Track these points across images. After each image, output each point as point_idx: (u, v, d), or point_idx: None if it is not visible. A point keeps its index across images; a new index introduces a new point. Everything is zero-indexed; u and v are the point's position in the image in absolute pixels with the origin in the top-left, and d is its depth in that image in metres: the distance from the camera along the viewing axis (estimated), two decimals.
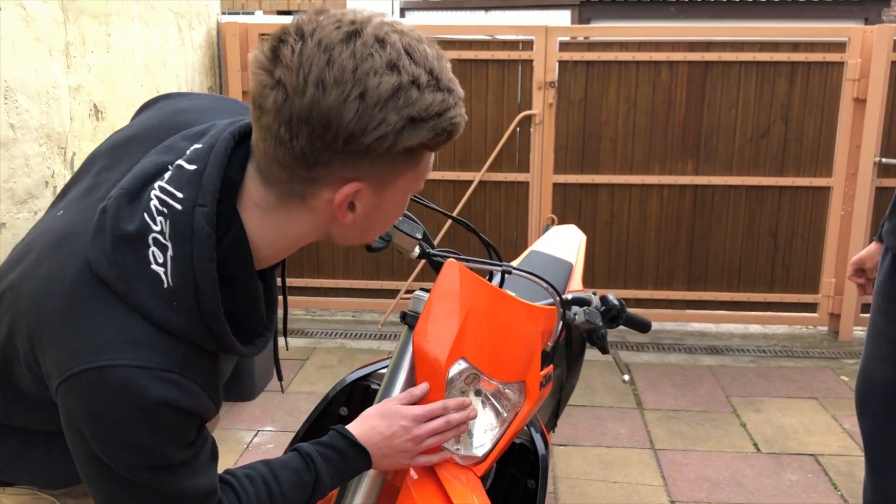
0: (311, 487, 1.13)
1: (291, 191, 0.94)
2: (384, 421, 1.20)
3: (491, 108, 4.72)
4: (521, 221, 4.86)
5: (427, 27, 4.84)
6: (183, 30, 4.18)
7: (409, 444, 1.20)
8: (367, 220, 0.99)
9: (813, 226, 4.73)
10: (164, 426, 0.91)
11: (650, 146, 4.72)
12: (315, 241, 1.02)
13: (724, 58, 4.55)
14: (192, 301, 0.91)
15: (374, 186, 0.94)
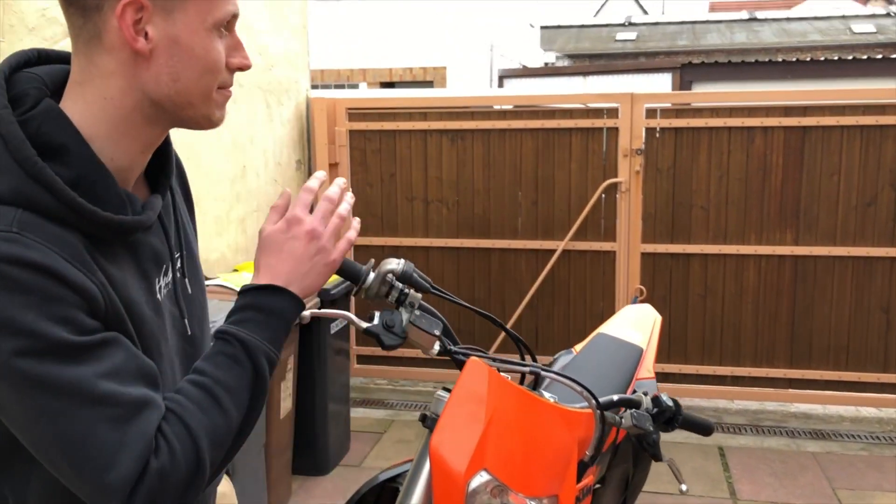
0: (246, 356, 1.01)
1: (88, 34, 0.95)
2: (273, 248, 1.08)
3: (574, 176, 4.62)
4: (608, 292, 4.68)
5: (506, 98, 4.83)
6: (271, 106, 4.31)
7: (314, 243, 1.08)
8: (174, 57, 0.96)
9: None
10: (20, 288, 0.86)
11: (745, 215, 4.48)
12: (149, 115, 0.99)
13: (824, 122, 4.30)
14: (5, 156, 0.90)
15: (160, 8, 0.94)
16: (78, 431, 0.88)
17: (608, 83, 13.58)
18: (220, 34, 0.99)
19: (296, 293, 1.07)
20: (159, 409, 0.94)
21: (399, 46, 13.81)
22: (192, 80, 0.98)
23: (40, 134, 0.92)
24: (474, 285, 4.84)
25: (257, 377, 1.01)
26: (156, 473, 0.90)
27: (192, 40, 0.96)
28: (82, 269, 0.91)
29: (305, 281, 1.08)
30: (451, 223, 4.81)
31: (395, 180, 4.82)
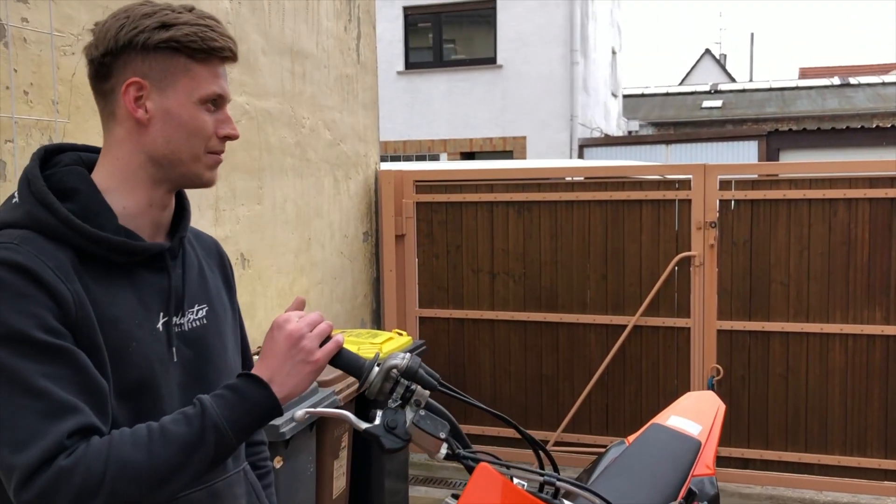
0: (199, 422, 1.08)
1: (106, 113, 1.20)
2: (266, 346, 1.19)
3: (646, 249, 4.48)
4: (682, 370, 4.47)
5: (572, 169, 4.76)
6: (339, 180, 4.38)
7: (297, 345, 1.16)
8: (167, 124, 1.18)
9: None
10: (1, 284, 1.04)
11: (829, 291, 4.23)
12: (151, 172, 1.20)
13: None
14: (25, 191, 1.14)
15: (156, 87, 1.17)
16: (5, 412, 1.01)
17: (692, 151, 13.36)
18: (207, 108, 1.21)
19: (276, 390, 1.15)
20: (86, 422, 1.04)
21: (480, 116, 14.00)
22: (181, 141, 1.19)
23: (61, 182, 1.17)
24: (542, 360, 4.70)
25: (200, 443, 1.08)
26: (57, 471, 1.00)
27: (181, 111, 1.18)
28: (61, 277, 1.08)
29: (289, 380, 1.16)
30: (517, 296, 4.72)
31: (461, 252, 4.79)
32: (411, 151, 14.55)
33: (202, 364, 1.24)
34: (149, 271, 1.20)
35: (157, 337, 1.18)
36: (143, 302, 1.17)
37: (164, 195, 1.23)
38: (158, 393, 1.16)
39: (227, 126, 1.23)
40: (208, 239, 1.42)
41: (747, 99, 21.87)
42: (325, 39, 4.22)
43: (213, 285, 1.34)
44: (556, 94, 13.62)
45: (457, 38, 15.22)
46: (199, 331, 1.26)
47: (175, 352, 1.20)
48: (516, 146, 14.02)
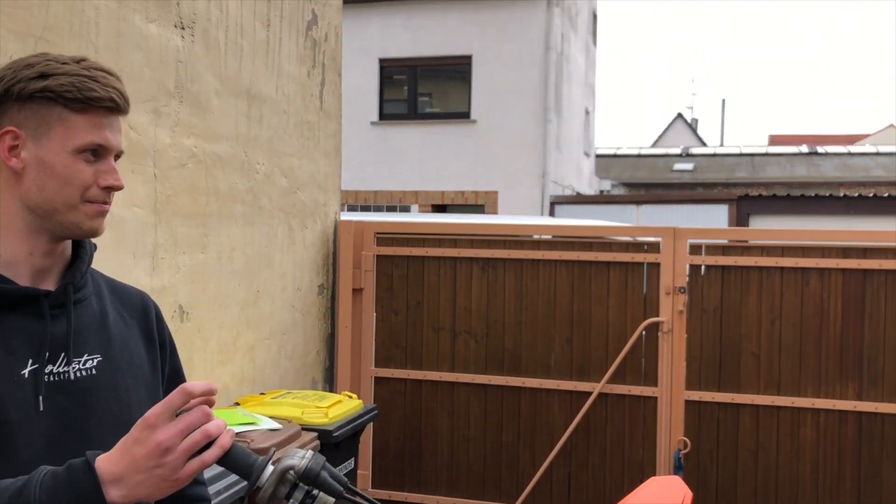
0: (16, 491, 0.99)
1: None
2: (124, 442, 1.02)
3: (613, 313, 4.30)
4: (649, 442, 4.25)
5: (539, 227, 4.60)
6: (294, 229, 4.17)
7: (159, 457, 0.99)
8: (41, 174, 1.17)
9: None
10: None
11: (801, 364, 4.07)
12: (28, 221, 1.19)
13: (887, 266, 3.94)
14: None
15: (31, 136, 1.17)
16: None
17: (662, 213, 13.36)
18: (85, 158, 1.19)
19: (119, 493, 1.00)
20: None
21: (453, 170, 13.93)
22: (54, 190, 1.18)
23: None
24: (503, 427, 4.46)
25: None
26: None
27: (55, 160, 1.18)
28: None
29: (138, 489, 1.01)
30: (479, 357, 4.50)
31: (421, 308, 4.57)
32: (382, 202, 14.41)
33: (83, 416, 1.19)
34: (20, 316, 1.16)
35: (18, 383, 1.13)
36: (6, 347, 1.13)
37: (47, 244, 1.21)
38: (12, 440, 1.10)
39: (109, 176, 1.21)
40: (133, 291, 1.40)
41: (718, 163, 22.16)
42: (287, 84, 4.06)
43: (119, 337, 1.29)
44: (528, 151, 13.62)
45: (432, 91, 15.25)
46: (86, 381, 1.21)
47: (42, 401, 1.14)
48: (488, 200, 13.94)
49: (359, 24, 14.20)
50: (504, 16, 13.73)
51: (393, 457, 4.60)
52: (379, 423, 4.53)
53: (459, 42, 13.95)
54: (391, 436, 4.59)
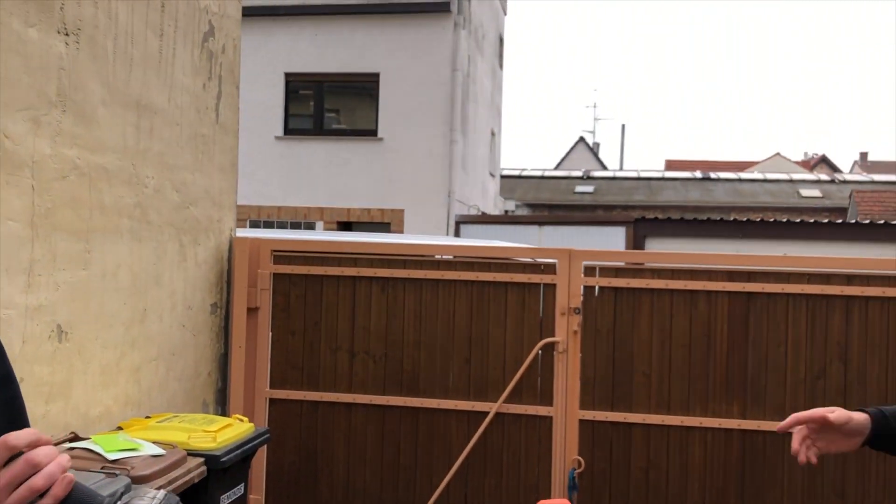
0: None
1: None
2: None
3: (510, 333, 4.33)
4: (544, 462, 4.29)
5: (439, 247, 4.61)
6: (186, 245, 4.02)
7: None
8: None
9: (888, 485, 4.02)
10: None
11: (689, 384, 4.20)
12: None
13: (768, 289, 4.12)
14: None
15: None
16: None
17: (563, 234, 13.65)
18: None
19: None
20: None
21: (359, 187, 13.85)
22: None
23: None
24: (400, 448, 4.41)
25: None
26: None
27: None
28: None
29: None
30: (377, 378, 4.45)
31: (319, 329, 4.48)
32: (286, 218, 14.18)
33: None
34: None
35: None
36: None
37: None
38: None
39: None
40: None
41: (617, 186, 22.87)
42: (180, 95, 3.92)
43: None
44: (434, 171, 13.69)
45: (339, 107, 15.16)
46: None
47: None
48: (394, 219, 13.92)
49: (264, 37, 13.99)
50: (412, 35, 13.81)
51: (288, 480, 4.47)
52: (273, 445, 4.41)
53: (367, 59, 13.94)
54: (286, 459, 4.47)
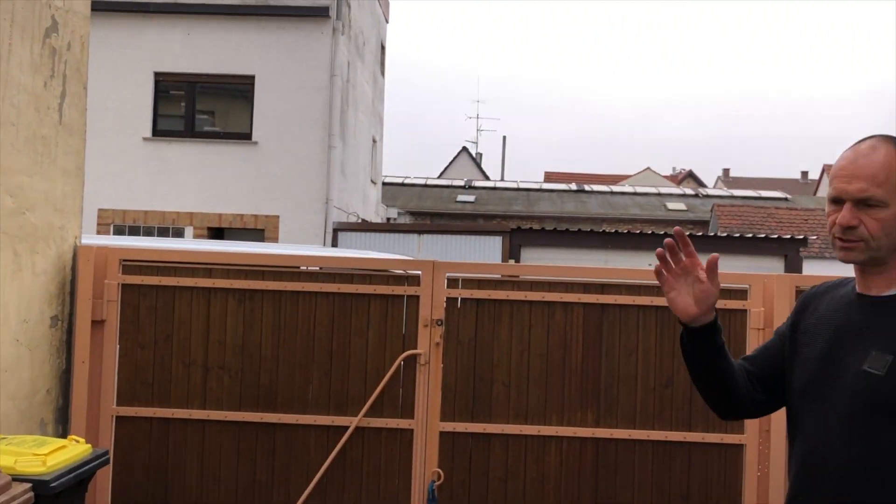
0: None
1: None
2: None
3: (372, 346, 4.28)
4: (404, 475, 4.26)
5: (300, 258, 4.51)
6: (21, 254, 3.75)
7: None
8: None
9: (729, 488, 4.22)
10: None
11: (546, 393, 4.28)
12: None
13: (620, 301, 4.26)
14: None
15: None
16: None
17: (443, 243, 13.74)
18: None
19: None
20: None
21: (232, 192, 13.45)
22: None
23: None
24: (256, 465, 4.27)
25: None
26: None
27: None
28: None
29: None
30: (233, 393, 4.29)
31: (171, 342, 4.28)
32: (154, 223, 13.60)
33: None
34: None
35: None
36: None
37: None
38: None
39: None
40: None
41: (497, 196, 23.29)
42: (17, 94, 3.66)
43: None
44: (312, 176, 13.49)
45: (212, 109, 14.69)
46: None
47: None
48: (269, 225, 13.61)
49: (133, 34, 13.41)
50: (289, 39, 13.57)
51: (135, 503, 4.24)
52: (119, 467, 4.18)
53: (242, 61, 13.59)
54: (133, 480, 4.23)
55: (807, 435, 1.73)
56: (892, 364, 1.57)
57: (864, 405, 1.60)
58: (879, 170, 1.61)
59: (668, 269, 1.76)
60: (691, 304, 1.75)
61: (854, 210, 1.62)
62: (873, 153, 1.62)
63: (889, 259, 1.65)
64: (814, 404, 1.71)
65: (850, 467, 1.61)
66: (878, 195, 1.60)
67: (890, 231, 1.62)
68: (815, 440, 1.70)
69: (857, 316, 1.69)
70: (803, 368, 1.76)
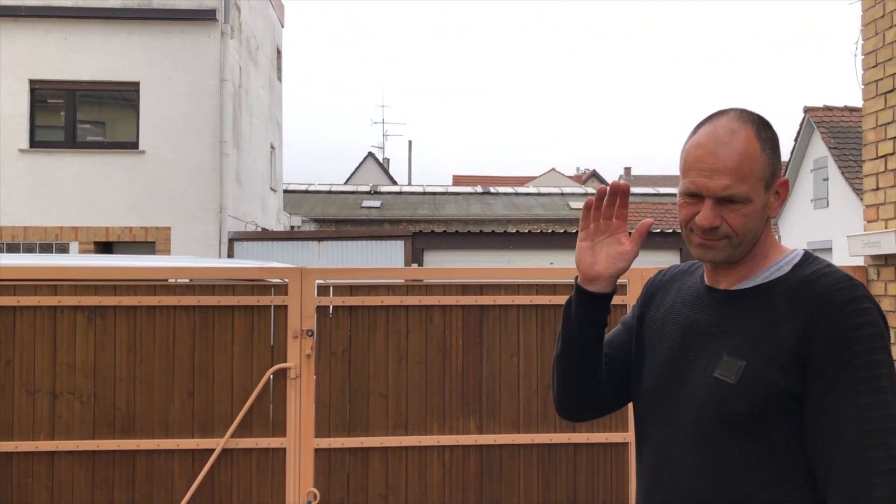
0: None
1: None
2: None
3: (238, 361, 4.00)
4: (277, 497, 3.98)
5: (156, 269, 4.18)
6: None
7: None
8: None
9: (616, 490, 4.13)
10: None
11: (426, 401, 4.09)
12: None
13: (500, 301, 4.11)
14: None
15: None
16: None
17: (344, 249, 13.45)
18: None
19: None
20: None
21: (119, 204, 12.78)
22: None
23: None
24: (114, 498, 3.92)
25: None
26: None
27: None
28: None
29: None
30: (85, 421, 3.93)
31: (12, 368, 3.89)
32: (34, 239, 12.79)
33: None
34: None
35: None
36: None
37: None
38: None
39: None
40: None
41: (403, 201, 23.08)
42: None
43: None
44: (204, 185, 12.96)
45: (96, 118, 13.95)
46: None
47: None
48: (160, 237, 13.00)
49: (3, 40, 12.61)
50: (175, 43, 13.01)
51: None
52: None
53: (125, 67, 12.95)
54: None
55: (654, 446, 1.55)
56: (744, 371, 1.40)
57: (715, 417, 1.42)
58: (742, 161, 1.42)
59: (594, 218, 1.55)
60: (599, 262, 1.55)
61: (716, 208, 1.44)
62: (733, 140, 1.43)
63: (747, 255, 1.49)
64: (662, 412, 1.53)
65: (699, 487, 1.44)
66: (743, 192, 1.42)
67: (753, 226, 1.46)
68: (663, 453, 1.52)
69: (706, 312, 1.52)
70: (651, 370, 1.59)
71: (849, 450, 1.32)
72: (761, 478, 1.39)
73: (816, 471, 1.37)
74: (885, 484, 1.29)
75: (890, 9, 4.13)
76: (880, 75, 4.21)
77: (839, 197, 17.27)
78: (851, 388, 1.33)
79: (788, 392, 1.37)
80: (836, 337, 1.35)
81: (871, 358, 1.34)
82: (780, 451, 1.39)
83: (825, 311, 1.36)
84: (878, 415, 1.32)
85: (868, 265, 4.35)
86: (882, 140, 4.19)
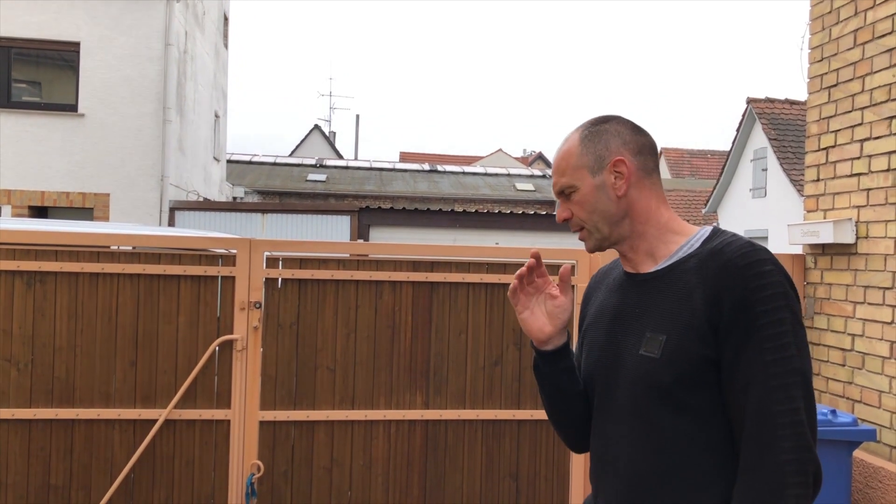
0: None
1: None
2: None
3: (183, 332, 3.93)
4: (221, 469, 3.95)
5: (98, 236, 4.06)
6: None
7: None
8: None
9: (557, 465, 4.21)
10: None
11: (374, 376, 4.09)
12: None
13: (450, 279, 4.13)
14: None
15: None
16: None
17: (288, 222, 13.30)
18: None
19: None
20: None
21: (56, 168, 12.37)
22: None
23: None
24: (51, 468, 3.83)
25: None
26: None
27: None
28: None
29: None
30: (22, 388, 3.82)
31: None
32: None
33: None
34: None
35: None
36: None
37: None
38: None
39: None
40: None
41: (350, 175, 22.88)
42: None
43: None
44: (145, 152, 12.62)
45: (33, 78, 13.43)
46: None
47: None
48: (98, 203, 12.64)
49: None
50: (118, 4, 12.59)
51: None
52: None
53: (65, 27, 12.48)
54: None
55: (598, 427, 1.62)
56: (665, 344, 1.47)
57: (645, 392, 1.50)
58: (560, 159, 1.61)
59: (522, 289, 1.66)
60: (546, 323, 1.65)
61: (564, 204, 1.63)
62: (564, 144, 1.63)
63: (629, 235, 1.59)
64: (602, 395, 1.61)
65: (641, 460, 1.50)
66: (564, 182, 1.60)
67: (593, 208, 1.58)
68: (605, 433, 1.59)
69: (629, 297, 1.61)
70: (588, 358, 1.66)
71: (756, 404, 1.39)
72: (693, 448, 1.46)
73: (735, 431, 1.44)
74: (791, 434, 1.36)
75: (837, 5, 4.25)
76: (825, 69, 4.33)
77: (777, 187, 17.76)
78: (757, 347, 1.40)
79: (708, 358, 1.44)
80: (741, 299, 1.41)
81: (774, 317, 1.40)
82: (710, 422, 1.45)
83: (730, 277, 1.43)
84: (782, 370, 1.39)
85: (806, 253, 4.50)
86: (824, 133, 4.32)
